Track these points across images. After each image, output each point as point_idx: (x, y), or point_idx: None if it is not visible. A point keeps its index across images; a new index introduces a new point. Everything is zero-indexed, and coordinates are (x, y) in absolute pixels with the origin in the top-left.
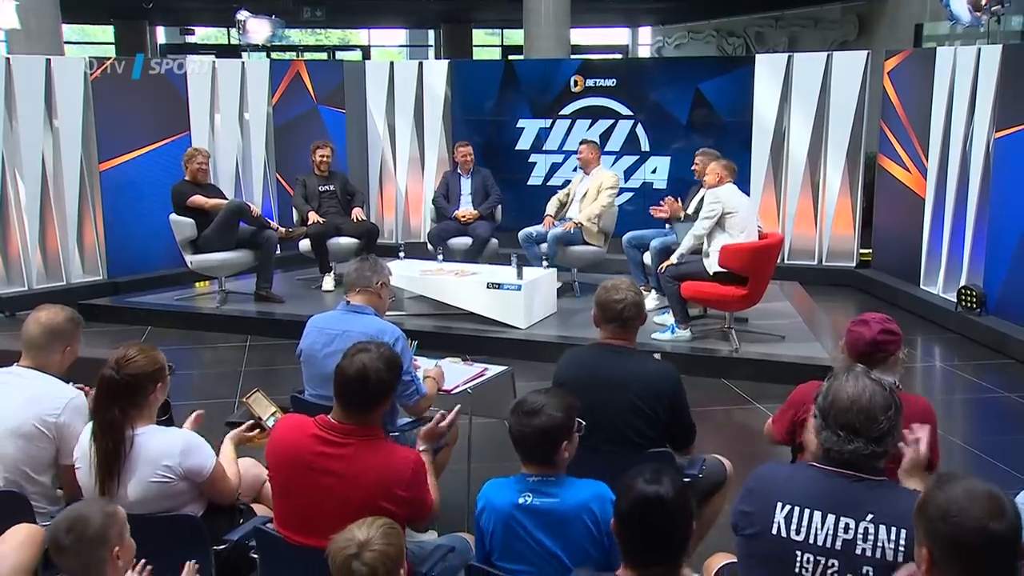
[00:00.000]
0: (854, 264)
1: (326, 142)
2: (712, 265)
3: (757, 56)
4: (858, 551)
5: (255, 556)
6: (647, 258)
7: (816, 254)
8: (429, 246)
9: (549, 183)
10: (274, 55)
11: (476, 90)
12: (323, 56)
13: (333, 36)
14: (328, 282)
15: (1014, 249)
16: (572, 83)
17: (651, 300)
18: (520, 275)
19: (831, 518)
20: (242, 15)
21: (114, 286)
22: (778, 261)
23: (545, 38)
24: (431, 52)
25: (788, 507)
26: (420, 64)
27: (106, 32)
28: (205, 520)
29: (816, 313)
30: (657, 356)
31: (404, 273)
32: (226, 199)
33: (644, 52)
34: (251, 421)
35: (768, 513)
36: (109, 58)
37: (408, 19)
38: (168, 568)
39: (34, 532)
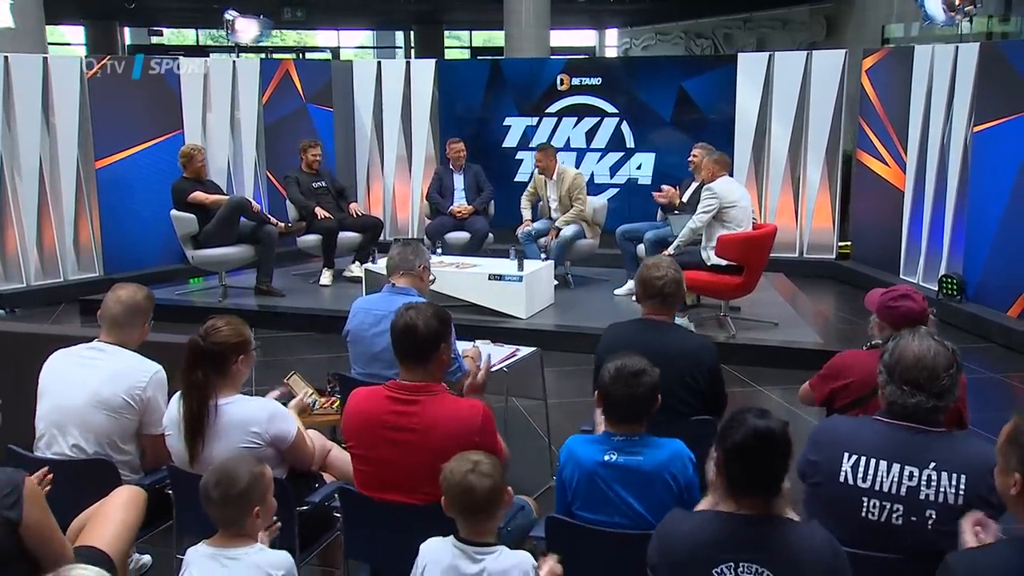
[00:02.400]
0: (833, 256)
1: (316, 141)
2: (711, 257)
3: (739, 55)
4: (921, 496)
5: (337, 516)
6: (641, 250)
7: (797, 247)
8: (427, 240)
9: None
10: (244, 56)
11: (463, 89)
12: (292, 57)
13: (288, 38)
14: (327, 277)
15: (992, 238)
16: (558, 82)
17: None
18: (521, 267)
19: (896, 467)
20: (230, 15)
21: (110, 282)
22: None
23: (526, 39)
24: (399, 53)
25: (855, 457)
26: (407, 64)
27: (76, 32)
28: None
29: (803, 301)
30: (691, 327)
31: None
32: (225, 195)
33: (611, 53)
34: (299, 396)
35: (835, 462)
36: (105, 56)
37: (382, 20)
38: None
39: (137, 493)
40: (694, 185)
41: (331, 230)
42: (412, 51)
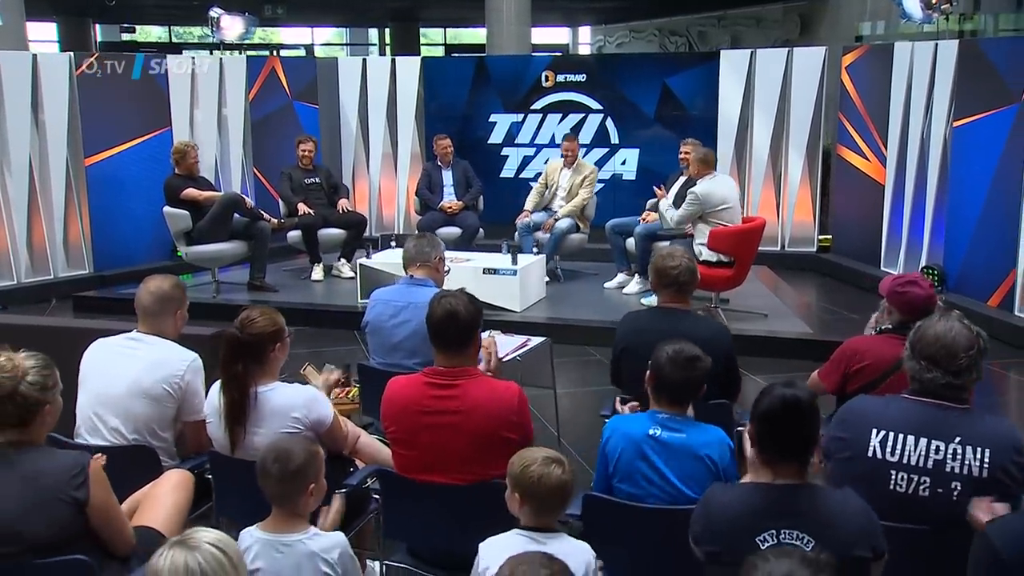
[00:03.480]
0: (814, 249)
1: (309, 136)
2: (702, 252)
3: (722, 52)
4: (947, 469)
5: (376, 497)
6: (630, 244)
7: (779, 240)
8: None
9: (521, 176)
10: (217, 53)
11: (448, 86)
12: (265, 54)
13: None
14: (318, 272)
15: (972, 230)
16: (543, 78)
17: (634, 284)
18: (515, 261)
19: (923, 441)
20: (215, 12)
21: (100, 279)
22: None
23: (507, 36)
24: (373, 50)
25: (883, 432)
26: (392, 61)
27: (47, 29)
28: None
29: (788, 293)
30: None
31: (397, 261)
32: (217, 191)
33: (584, 51)
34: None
35: (863, 438)
36: (93, 54)
37: (358, 17)
38: None
39: (186, 476)
40: (682, 179)
41: (310, 225)
42: (387, 48)
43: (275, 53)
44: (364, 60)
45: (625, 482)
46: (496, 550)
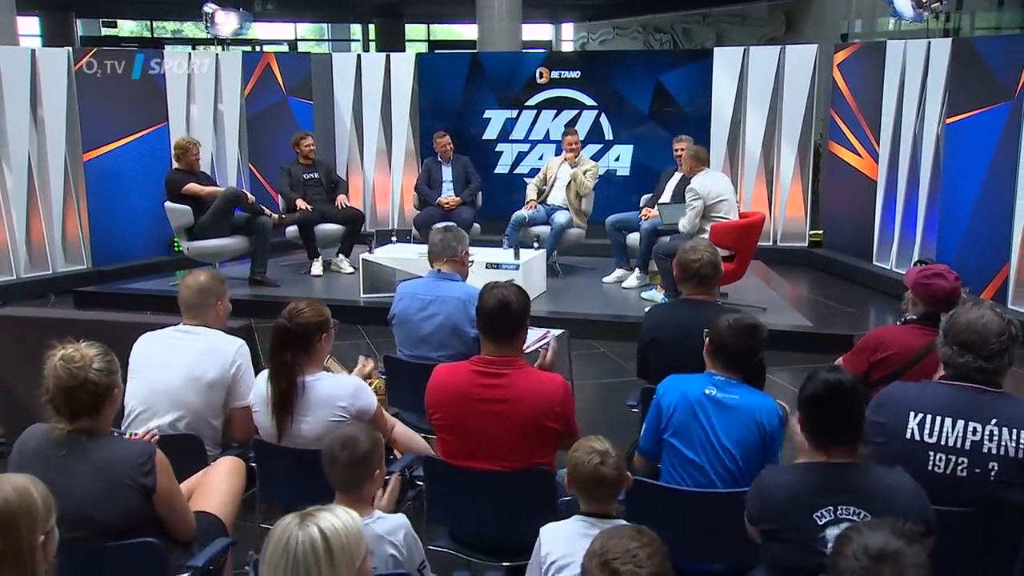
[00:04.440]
0: (806, 244)
1: (308, 132)
2: None
3: (715, 49)
4: (984, 450)
5: (419, 484)
6: (632, 239)
7: (771, 235)
8: (416, 232)
9: (515, 171)
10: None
11: (443, 82)
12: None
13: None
14: (317, 267)
15: (965, 226)
16: (537, 75)
17: (633, 279)
18: (517, 255)
19: (960, 423)
20: (209, 7)
21: (99, 274)
22: None
23: (499, 33)
24: (355, 46)
25: (921, 415)
26: (387, 56)
27: (30, 23)
28: None
29: (783, 287)
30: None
31: (401, 256)
32: (218, 187)
33: (567, 48)
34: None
35: (901, 422)
36: (90, 49)
37: (344, 12)
38: None
39: (238, 463)
40: (677, 175)
41: (307, 221)
42: (371, 44)
43: (256, 49)
44: (359, 56)
45: (677, 437)
46: (557, 535)
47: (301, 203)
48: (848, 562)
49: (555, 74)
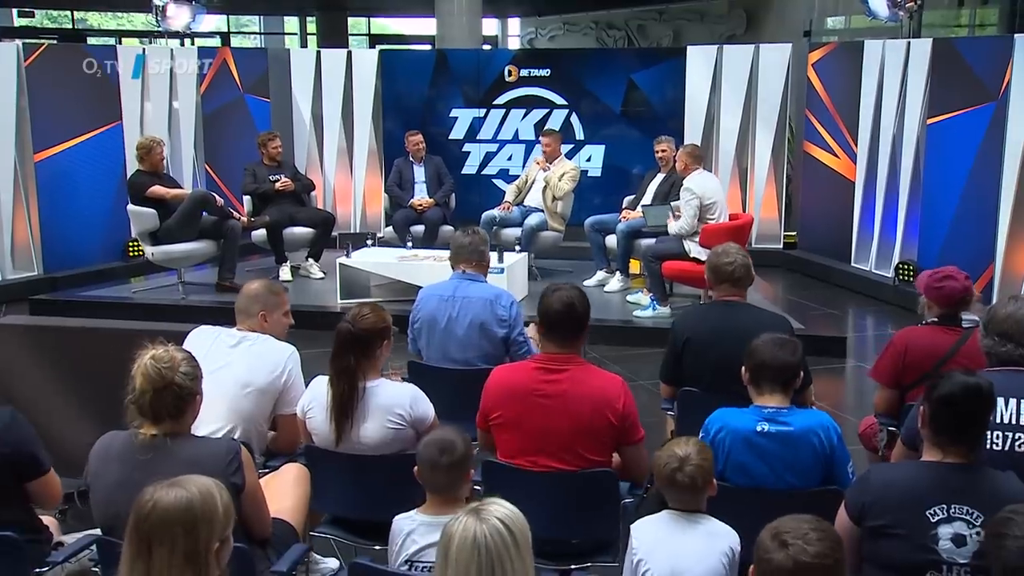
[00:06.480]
0: (780, 246)
1: (275, 133)
2: (692, 249)
3: (688, 47)
4: None
5: (477, 489)
6: (611, 241)
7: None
8: (393, 232)
9: (483, 172)
10: (125, 41)
11: (407, 80)
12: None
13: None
14: (285, 272)
15: (948, 226)
16: (506, 72)
17: (615, 282)
18: (501, 259)
19: (1012, 401)
20: (159, 0)
21: (51, 282)
22: None
23: (458, 28)
24: (289, 40)
25: None
26: (349, 53)
27: None
28: None
29: (765, 289)
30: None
31: (379, 260)
32: (183, 189)
33: (514, 44)
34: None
35: None
36: (43, 44)
37: (284, 5)
38: (402, 502)
39: (304, 470)
40: (660, 176)
41: (276, 224)
42: (308, 39)
43: (185, 43)
44: (318, 52)
45: (735, 474)
46: (649, 529)
47: (283, 182)
48: (1018, 541)
49: (524, 72)
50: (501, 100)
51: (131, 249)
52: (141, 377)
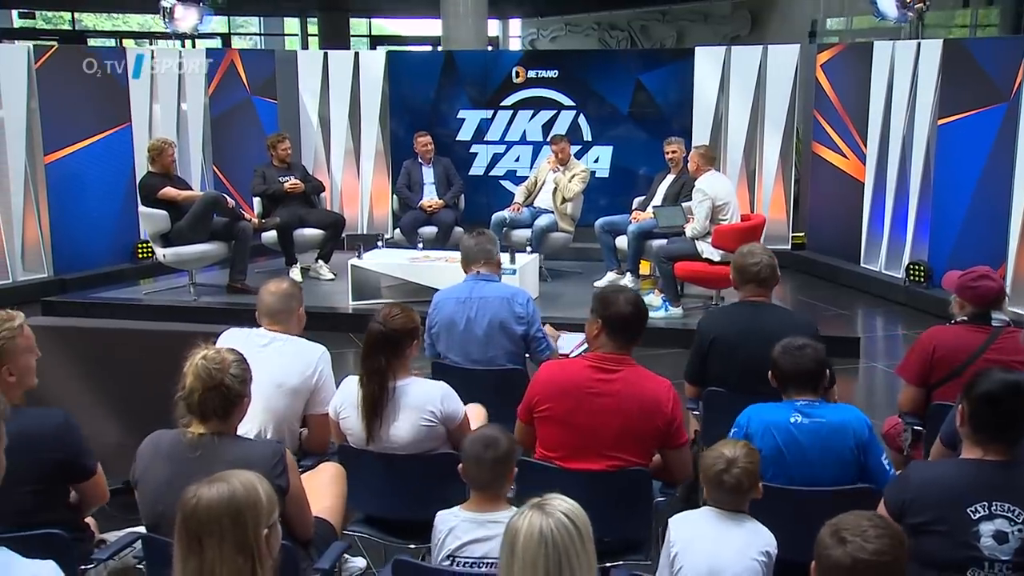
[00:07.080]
0: (789, 246)
1: (285, 135)
2: (705, 250)
3: (696, 48)
4: None
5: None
6: (621, 242)
7: None
8: (401, 235)
9: (491, 173)
10: (124, 42)
11: (415, 81)
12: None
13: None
14: (295, 274)
15: (959, 228)
16: (514, 74)
17: (626, 283)
18: (513, 260)
19: None
20: (167, 2)
21: (61, 283)
22: None
23: (464, 29)
24: (289, 41)
25: None
26: (356, 55)
27: None
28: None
29: (775, 290)
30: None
31: (390, 261)
32: (194, 191)
33: (515, 45)
34: None
35: None
36: (53, 46)
37: (287, 6)
38: (435, 500)
39: (341, 469)
40: (670, 177)
41: (286, 226)
42: (310, 40)
43: (185, 45)
44: (325, 54)
45: (770, 467)
46: (689, 524)
47: (291, 184)
48: None
49: (532, 73)
50: (508, 101)
51: (140, 251)
52: (192, 375)
